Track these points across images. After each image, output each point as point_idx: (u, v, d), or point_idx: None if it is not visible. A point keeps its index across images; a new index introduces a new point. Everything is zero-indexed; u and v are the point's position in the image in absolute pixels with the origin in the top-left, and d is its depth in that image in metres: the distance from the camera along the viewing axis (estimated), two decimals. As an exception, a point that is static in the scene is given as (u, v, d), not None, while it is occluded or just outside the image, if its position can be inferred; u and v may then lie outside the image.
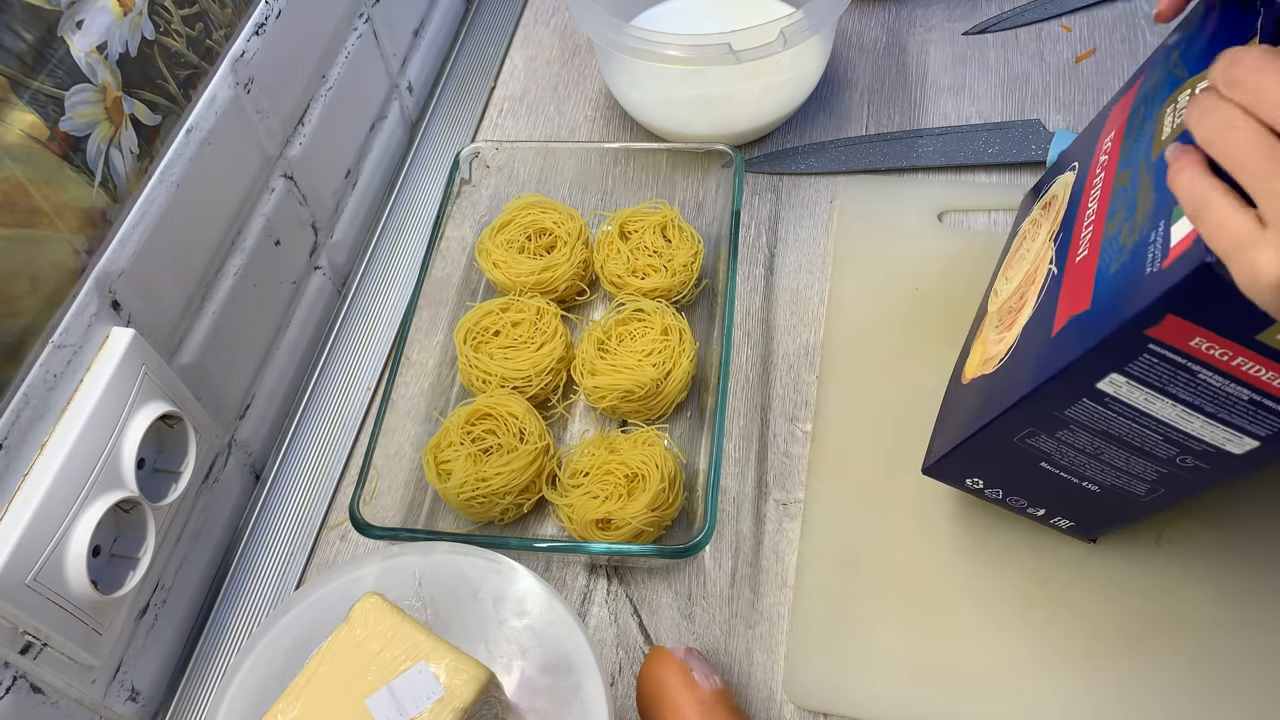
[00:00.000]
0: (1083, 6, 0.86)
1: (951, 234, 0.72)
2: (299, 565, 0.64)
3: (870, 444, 0.63)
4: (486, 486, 0.59)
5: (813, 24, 0.70)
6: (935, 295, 0.69)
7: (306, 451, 0.68)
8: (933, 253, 0.71)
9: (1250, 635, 0.54)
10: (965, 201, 0.74)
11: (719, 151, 0.71)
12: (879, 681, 0.55)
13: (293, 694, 0.46)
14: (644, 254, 0.69)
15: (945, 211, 0.74)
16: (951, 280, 0.69)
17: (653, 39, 0.69)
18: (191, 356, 0.59)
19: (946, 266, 0.70)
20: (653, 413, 0.64)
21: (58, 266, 0.49)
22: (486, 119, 0.86)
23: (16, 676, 0.47)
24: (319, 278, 0.74)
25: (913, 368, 0.66)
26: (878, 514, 0.60)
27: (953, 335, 0.66)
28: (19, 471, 0.47)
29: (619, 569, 0.61)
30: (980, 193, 0.74)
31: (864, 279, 0.71)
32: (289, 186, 0.68)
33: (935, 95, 0.82)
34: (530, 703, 0.49)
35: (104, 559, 0.51)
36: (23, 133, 0.46)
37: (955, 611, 0.57)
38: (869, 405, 0.65)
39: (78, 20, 0.50)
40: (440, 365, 0.68)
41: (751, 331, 0.70)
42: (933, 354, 0.66)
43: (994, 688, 0.54)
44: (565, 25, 0.92)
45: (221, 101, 0.60)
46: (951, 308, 0.68)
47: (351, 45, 0.75)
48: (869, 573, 0.58)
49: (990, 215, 0.73)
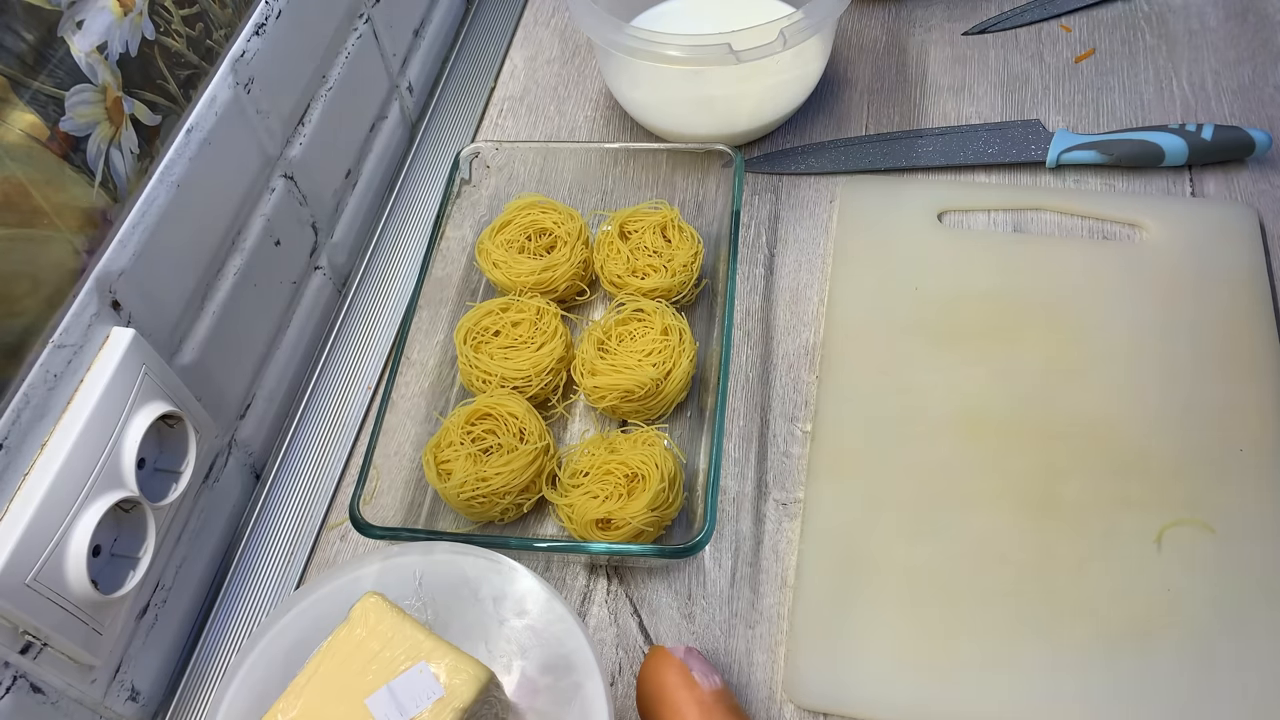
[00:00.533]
0: (1083, 6, 0.86)
1: (952, 234, 0.72)
2: (299, 565, 0.64)
3: (870, 443, 0.63)
4: (486, 486, 0.59)
5: (813, 24, 0.70)
6: (935, 295, 0.69)
7: (306, 451, 0.69)
8: (933, 253, 0.71)
9: (1250, 636, 0.54)
10: (965, 202, 0.74)
11: (719, 151, 0.71)
12: (879, 682, 0.55)
13: (293, 694, 0.46)
14: (644, 254, 0.69)
15: (945, 211, 0.74)
16: (951, 280, 0.69)
17: (653, 39, 0.69)
18: (192, 356, 0.59)
19: (946, 267, 0.70)
20: (653, 413, 0.64)
21: (58, 266, 0.49)
22: (486, 119, 0.86)
23: (16, 676, 0.47)
24: (319, 278, 0.74)
25: (912, 368, 0.66)
26: (877, 514, 0.60)
27: (952, 335, 0.66)
28: (19, 471, 0.47)
29: (619, 569, 0.61)
30: (980, 193, 0.74)
31: (864, 279, 0.71)
32: (289, 186, 0.68)
33: (935, 95, 0.82)
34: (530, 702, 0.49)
35: (104, 559, 0.51)
36: (23, 133, 0.47)
37: (956, 612, 0.57)
38: (868, 405, 0.65)
39: (78, 20, 0.50)
40: (440, 365, 0.68)
41: (751, 331, 0.70)
42: (932, 354, 0.66)
43: (994, 689, 0.54)
44: (565, 25, 0.92)
45: (222, 101, 0.60)
46: (951, 308, 0.68)
47: (351, 45, 0.75)
48: (869, 573, 0.58)
49: (990, 215, 0.74)
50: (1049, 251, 0.70)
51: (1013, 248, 0.71)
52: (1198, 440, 0.61)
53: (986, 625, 0.56)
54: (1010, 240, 0.72)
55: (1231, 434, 0.61)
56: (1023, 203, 0.73)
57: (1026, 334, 0.66)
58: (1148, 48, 0.83)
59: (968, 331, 0.67)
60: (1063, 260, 0.70)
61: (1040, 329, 0.66)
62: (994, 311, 0.67)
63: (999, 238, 0.72)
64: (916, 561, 0.58)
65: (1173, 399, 0.62)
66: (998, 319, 0.67)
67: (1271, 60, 0.81)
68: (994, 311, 0.67)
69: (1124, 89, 0.80)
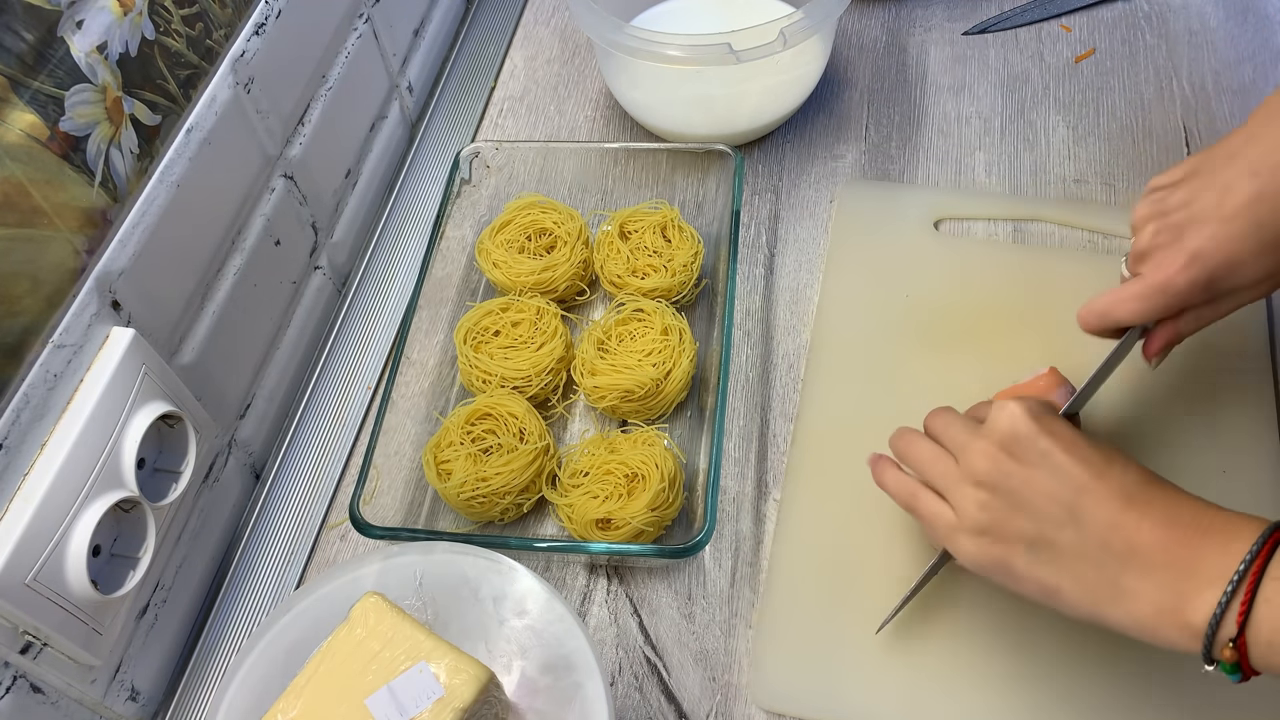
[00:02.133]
0: (1083, 6, 0.86)
1: (946, 242, 0.72)
2: (299, 565, 0.64)
3: (851, 447, 0.62)
4: (486, 486, 0.59)
5: (813, 24, 0.70)
6: (925, 303, 0.69)
7: (306, 451, 0.68)
8: (926, 260, 0.71)
9: None
10: (962, 210, 0.74)
11: (719, 151, 0.71)
12: (850, 685, 0.55)
13: (293, 694, 0.46)
14: (644, 254, 0.69)
15: (942, 220, 0.73)
16: (943, 289, 0.69)
17: (653, 39, 0.69)
18: (191, 356, 0.59)
19: (939, 275, 0.70)
20: (653, 413, 0.64)
21: (58, 266, 0.49)
22: (486, 119, 0.86)
23: (16, 676, 0.47)
24: (319, 277, 0.74)
25: (898, 373, 0.66)
26: (855, 517, 0.60)
27: (940, 343, 0.66)
28: (19, 471, 0.47)
29: (619, 569, 0.61)
30: (978, 202, 0.74)
31: (856, 282, 0.70)
32: (289, 186, 0.68)
33: (935, 95, 0.82)
34: (530, 702, 0.49)
35: (104, 559, 0.51)
36: (23, 133, 0.46)
37: (935, 616, 0.56)
38: (852, 408, 0.64)
39: (78, 20, 0.50)
40: (440, 365, 0.68)
41: (751, 331, 0.70)
42: (918, 361, 0.66)
43: (972, 693, 0.54)
44: (565, 25, 0.92)
45: (221, 101, 0.60)
46: (941, 316, 0.68)
47: (351, 45, 0.75)
48: (844, 577, 0.58)
49: (987, 225, 0.73)
50: (1044, 262, 0.70)
51: (1008, 257, 0.71)
52: (1191, 452, 0.60)
53: (962, 629, 0.56)
54: (1006, 249, 0.71)
55: (1223, 451, 0.60)
56: (1021, 213, 0.73)
57: (1018, 343, 0.66)
58: (1148, 48, 0.83)
59: (957, 339, 0.66)
60: (1057, 271, 0.69)
61: (1032, 339, 0.66)
62: (985, 320, 0.67)
63: (995, 246, 0.72)
64: (892, 565, 0.58)
65: (1165, 413, 0.62)
66: (989, 328, 0.67)
67: (1271, 60, 0.81)
68: (985, 320, 0.67)
69: (1124, 89, 0.80)
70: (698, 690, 0.56)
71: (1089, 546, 0.44)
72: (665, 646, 0.58)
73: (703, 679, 0.57)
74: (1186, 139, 0.77)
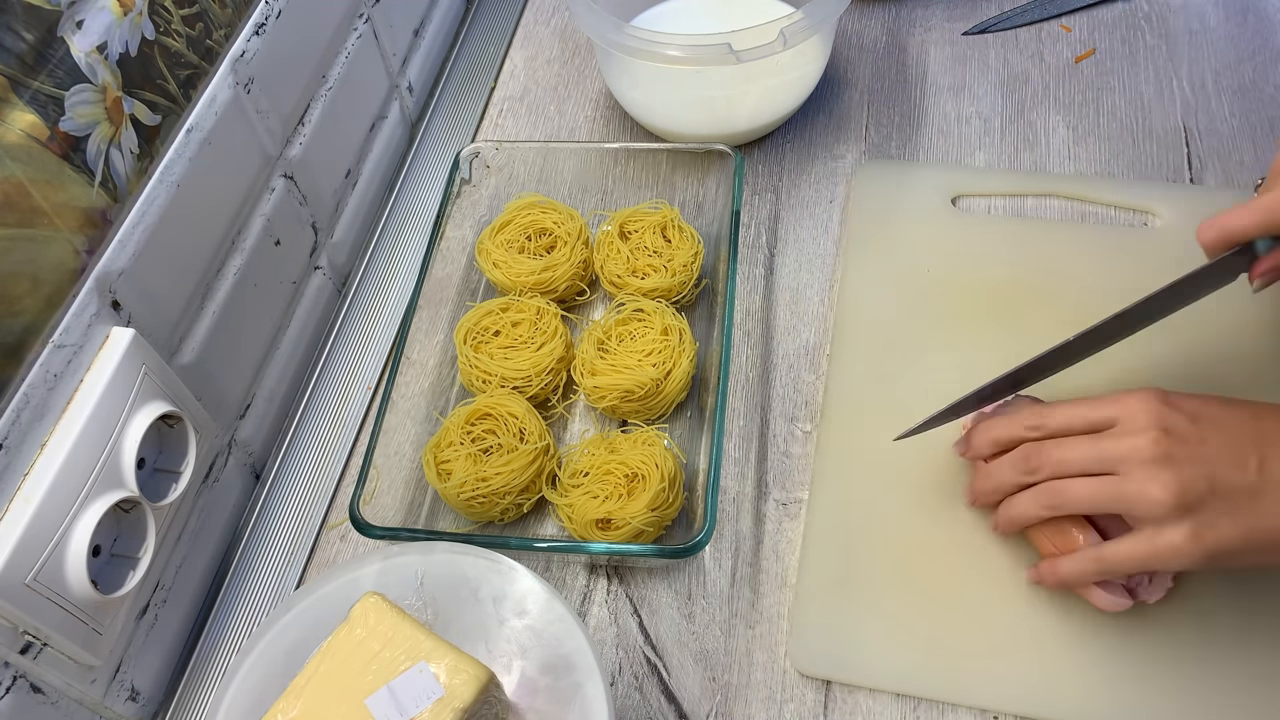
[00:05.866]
0: (1083, 6, 0.86)
1: (965, 218, 0.73)
2: (299, 565, 0.64)
3: (880, 424, 0.63)
4: (486, 486, 0.59)
5: (813, 24, 0.70)
6: (948, 278, 0.70)
7: (306, 451, 0.68)
8: (946, 237, 0.72)
9: (1257, 607, 0.55)
10: (978, 186, 0.75)
11: (719, 151, 0.71)
12: (880, 653, 0.56)
13: (293, 694, 0.46)
14: (644, 254, 0.69)
15: (959, 196, 0.74)
16: (963, 264, 0.70)
17: (653, 39, 0.69)
18: (191, 356, 0.59)
19: (959, 250, 0.71)
20: (653, 413, 0.64)
21: (58, 266, 0.49)
22: (486, 119, 0.86)
23: (16, 676, 0.47)
24: (319, 277, 0.74)
25: (924, 350, 0.66)
26: (887, 495, 0.61)
27: (964, 318, 0.67)
28: (19, 471, 0.47)
29: (619, 569, 0.61)
30: (993, 178, 0.75)
31: (876, 262, 0.71)
32: (289, 186, 0.68)
33: (935, 95, 0.82)
34: (530, 702, 0.49)
35: (104, 559, 0.51)
36: (23, 133, 0.46)
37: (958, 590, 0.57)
38: (879, 385, 0.65)
39: (78, 20, 0.50)
40: (440, 365, 0.68)
41: (751, 331, 0.70)
42: (944, 337, 0.67)
43: (999, 665, 0.55)
44: (565, 25, 0.92)
45: (221, 101, 0.60)
46: (964, 291, 0.68)
47: (351, 45, 0.75)
48: (877, 553, 0.59)
49: (1004, 200, 0.74)
50: (1061, 237, 0.71)
51: (1025, 233, 0.72)
52: None
53: (989, 602, 0.57)
54: (1022, 225, 0.72)
55: None
56: (1034, 188, 0.74)
57: (1036, 319, 0.67)
58: (1148, 48, 0.83)
59: (978, 315, 0.68)
60: (1074, 245, 0.70)
61: (1050, 314, 0.67)
62: (1005, 296, 0.68)
63: (1011, 222, 0.73)
64: (920, 543, 0.59)
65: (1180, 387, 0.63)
66: (1008, 303, 0.68)
67: (1271, 60, 0.81)
68: (1005, 296, 0.68)
69: (1124, 89, 0.81)
70: (698, 690, 0.56)
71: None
72: (665, 646, 0.58)
73: (703, 679, 0.57)
74: (1186, 139, 0.77)
